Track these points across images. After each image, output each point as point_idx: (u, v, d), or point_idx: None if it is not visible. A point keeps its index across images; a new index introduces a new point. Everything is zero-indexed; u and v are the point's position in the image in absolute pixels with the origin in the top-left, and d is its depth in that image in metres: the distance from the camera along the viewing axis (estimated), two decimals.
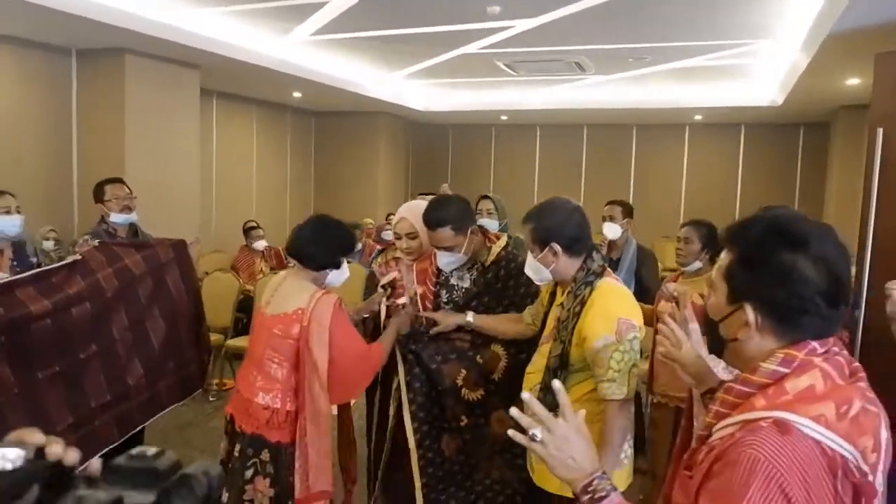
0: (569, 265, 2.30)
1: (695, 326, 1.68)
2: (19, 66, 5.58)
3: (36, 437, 0.65)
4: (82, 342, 3.10)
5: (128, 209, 4.00)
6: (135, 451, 0.63)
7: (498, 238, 2.90)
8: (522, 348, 2.64)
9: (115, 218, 3.94)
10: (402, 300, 2.88)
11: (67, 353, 3.02)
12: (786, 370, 1.15)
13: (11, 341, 2.78)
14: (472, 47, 6.46)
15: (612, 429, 2.17)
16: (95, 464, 0.63)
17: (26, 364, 2.84)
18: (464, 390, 2.69)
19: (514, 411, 1.31)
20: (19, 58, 5.57)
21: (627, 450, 2.29)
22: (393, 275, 2.95)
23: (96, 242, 3.38)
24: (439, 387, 2.70)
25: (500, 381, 2.69)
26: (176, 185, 6.29)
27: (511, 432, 1.31)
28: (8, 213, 3.76)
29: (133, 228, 4.08)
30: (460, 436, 2.72)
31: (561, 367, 2.21)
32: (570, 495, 2.13)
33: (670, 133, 10.78)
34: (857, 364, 1.21)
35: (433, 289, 2.85)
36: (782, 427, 1.09)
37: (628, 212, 4.57)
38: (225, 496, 2.64)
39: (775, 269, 1.17)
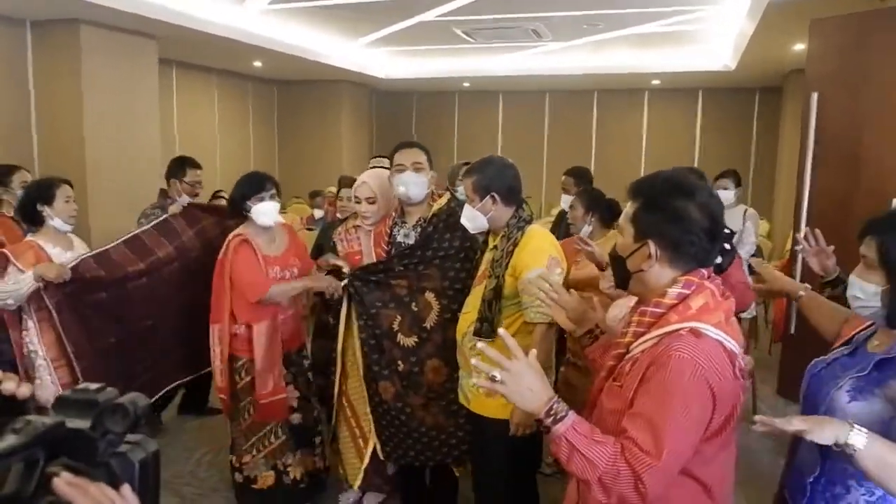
0: (504, 213, 2.58)
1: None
2: None
3: None
4: (171, 301, 3.54)
5: (195, 195, 4.22)
6: (80, 385, 0.76)
7: (440, 196, 3.12)
8: (454, 300, 2.85)
9: (183, 201, 4.00)
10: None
11: (158, 309, 3.47)
12: (688, 291, 1.49)
13: (112, 297, 3.22)
14: (429, 15, 6.51)
15: (540, 351, 2.43)
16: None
17: (118, 320, 3.28)
18: (399, 335, 2.92)
19: (474, 362, 1.52)
20: None
21: None
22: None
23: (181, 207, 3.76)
24: (377, 330, 2.94)
25: (432, 330, 2.90)
26: (137, 157, 6.29)
27: (480, 381, 1.47)
28: None
29: None
30: (399, 381, 2.91)
31: (495, 297, 2.50)
32: (504, 417, 2.43)
33: (630, 99, 10.95)
34: (724, 287, 1.56)
35: (385, 248, 3.06)
36: (696, 333, 1.43)
37: (580, 181, 4.81)
38: None
39: (672, 212, 1.49)
